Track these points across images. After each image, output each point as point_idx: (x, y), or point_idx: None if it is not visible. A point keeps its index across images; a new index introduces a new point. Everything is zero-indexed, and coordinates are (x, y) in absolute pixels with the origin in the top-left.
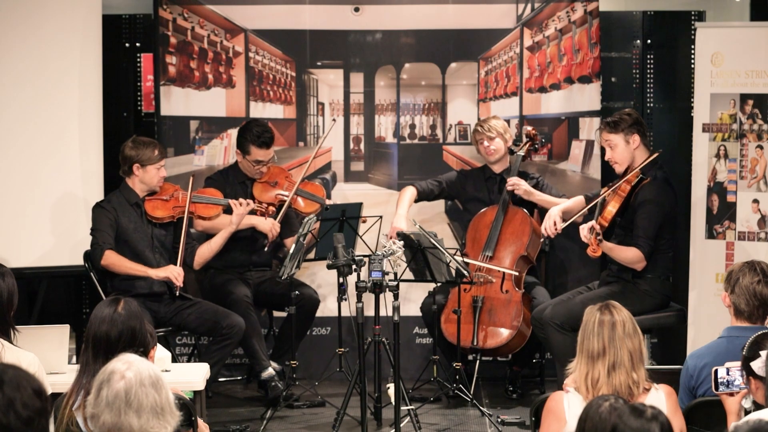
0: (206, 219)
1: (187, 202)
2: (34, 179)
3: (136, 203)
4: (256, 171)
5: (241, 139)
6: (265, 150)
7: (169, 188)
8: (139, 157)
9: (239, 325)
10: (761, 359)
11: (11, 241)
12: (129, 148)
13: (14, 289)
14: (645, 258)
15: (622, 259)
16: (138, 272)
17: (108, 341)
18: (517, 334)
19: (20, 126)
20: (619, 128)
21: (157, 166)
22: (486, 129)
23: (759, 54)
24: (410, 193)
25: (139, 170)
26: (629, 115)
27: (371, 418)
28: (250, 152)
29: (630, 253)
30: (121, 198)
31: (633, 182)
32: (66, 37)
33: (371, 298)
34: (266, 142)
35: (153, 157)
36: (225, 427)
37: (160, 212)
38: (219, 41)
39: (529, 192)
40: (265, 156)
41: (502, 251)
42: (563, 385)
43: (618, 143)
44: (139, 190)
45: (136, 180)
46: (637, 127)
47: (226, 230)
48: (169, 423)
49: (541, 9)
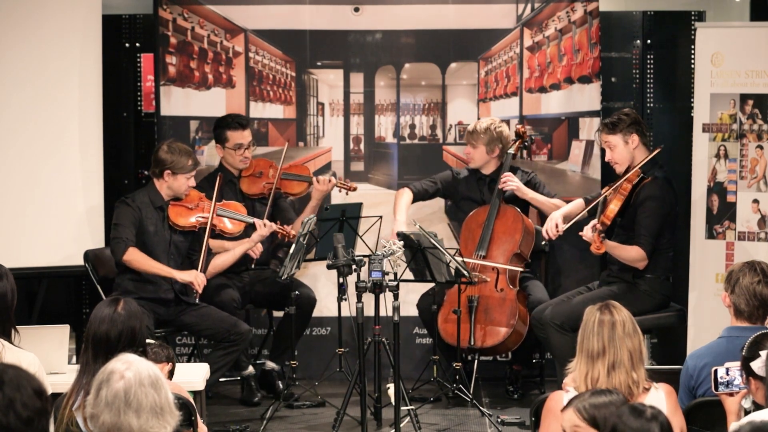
0: (228, 234)
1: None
2: (34, 179)
3: (161, 207)
4: (240, 157)
5: (216, 132)
6: (241, 131)
7: (194, 196)
8: (173, 164)
9: (246, 332)
10: (761, 359)
11: (11, 241)
12: (164, 152)
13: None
14: (647, 256)
15: (624, 257)
16: (162, 272)
17: (108, 341)
18: (514, 332)
19: (20, 126)
20: (618, 129)
21: (188, 175)
22: (474, 138)
23: (759, 54)
24: (407, 197)
25: (169, 177)
26: (627, 116)
27: (371, 418)
28: (228, 138)
29: (632, 252)
30: (147, 199)
31: (634, 181)
32: (66, 37)
33: (371, 298)
34: (241, 123)
35: (186, 166)
36: (225, 427)
37: (182, 220)
38: (219, 41)
39: (522, 190)
40: (243, 138)
41: (495, 250)
42: (563, 384)
43: (617, 144)
44: (165, 194)
45: (164, 184)
46: (635, 127)
47: (243, 246)
48: (168, 423)
49: (541, 9)
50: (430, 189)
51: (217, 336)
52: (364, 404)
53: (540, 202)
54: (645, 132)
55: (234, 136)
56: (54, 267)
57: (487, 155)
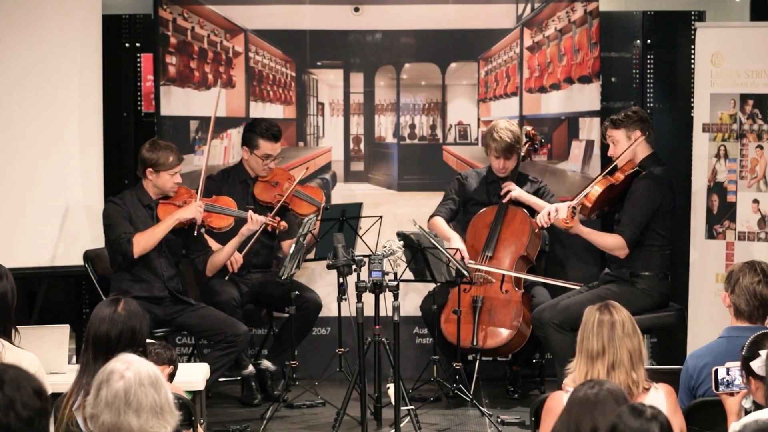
0: (217, 230)
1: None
2: (34, 179)
3: (149, 205)
4: (264, 167)
5: (248, 135)
6: (273, 143)
7: (183, 193)
8: (154, 161)
9: (244, 333)
10: (761, 359)
11: (11, 242)
12: (146, 151)
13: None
14: (627, 245)
15: (602, 244)
16: (168, 225)
17: (108, 341)
18: (517, 334)
19: (20, 126)
20: (622, 125)
21: (171, 172)
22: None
23: (759, 54)
24: (442, 221)
25: (152, 174)
26: (635, 113)
27: (371, 418)
28: (259, 146)
29: (610, 239)
30: (135, 198)
31: (627, 172)
32: (66, 37)
33: (371, 298)
34: (275, 135)
35: (168, 162)
36: (225, 427)
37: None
38: (219, 41)
39: (523, 197)
40: (273, 150)
41: (501, 251)
42: (563, 384)
43: (620, 139)
44: (153, 193)
45: (149, 183)
46: (640, 125)
47: (235, 240)
48: (168, 423)
49: (541, 9)
50: (453, 206)
51: (215, 337)
52: (364, 404)
53: (540, 207)
54: (650, 131)
55: (265, 147)
56: (54, 267)
57: (518, 159)
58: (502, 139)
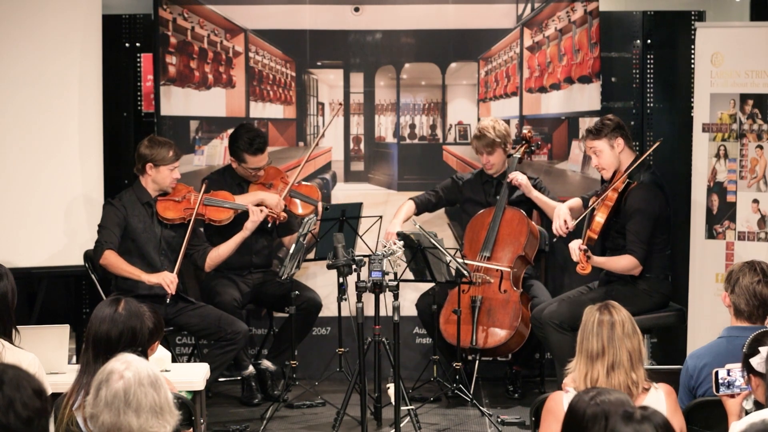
0: (217, 223)
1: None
2: (34, 179)
3: (148, 203)
4: (253, 176)
5: (233, 148)
6: (259, 156)
7: (182, 189)
8: (153, 157)
9: (243, 331)
10: (760, 355)
11: (11, 241)
12: (144, 147)
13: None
14: (640, 263)
15: (617, 268)
16: (132, 275)
17: (108, 341)
18: (516, 334)
19: (20, 126)
20: (602, 134)
21: (171, 167)
22: (484, 144)
23: (759, 54)
24: (407, 208)
25: (152, 170)
26: (610, 120)
27: (371, 418)
28: (246, 160)
29: (623, 261)
30: (133, 196)
31: (620, 189)
32: (66, 37)
33: (371, 298)
34: (260, 149)
35: (167, 157)
36: (225, 427)
37: (171, 213)
38: (219, 41)
39: (528, 187)
40: (259, 162)
41: (499, 251)
42: (563, 385)
43: (603, 149)
44: (152, 189)
45: (149, 179)
46: (620, 131)
47: (239, 235)
48: (168, 422)
49: (541, 9)
50: (433, 199)
51: (214, 335)
52: (364, 404)
53: (543, 202)
54: (629, 136)
55: (252, 161)
56: (54, 267)
57: (504, 155)
58: (482, 135)
